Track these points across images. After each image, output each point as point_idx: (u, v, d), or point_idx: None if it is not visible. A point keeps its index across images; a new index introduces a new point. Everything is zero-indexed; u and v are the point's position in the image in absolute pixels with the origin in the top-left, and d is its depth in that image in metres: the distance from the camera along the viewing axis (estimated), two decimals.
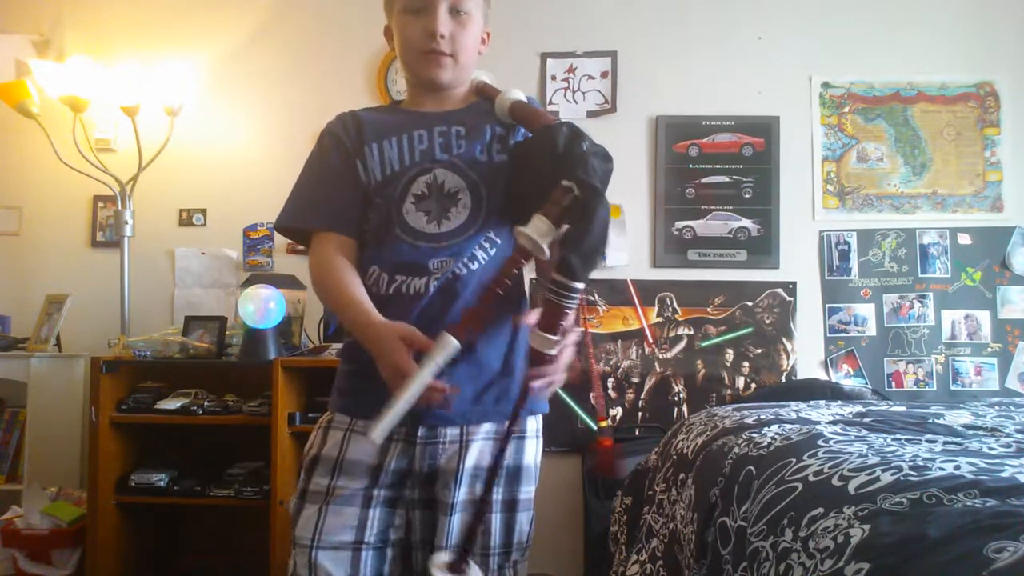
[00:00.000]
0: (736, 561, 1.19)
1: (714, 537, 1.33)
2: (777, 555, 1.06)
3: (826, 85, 2.85)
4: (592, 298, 2.77)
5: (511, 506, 1.21)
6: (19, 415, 2.68)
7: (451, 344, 1.00)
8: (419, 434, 1.16)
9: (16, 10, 2.95)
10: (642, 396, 2.75)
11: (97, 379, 2.38)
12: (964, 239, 2.79)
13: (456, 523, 1.16)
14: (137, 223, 2.79)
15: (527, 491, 1.23)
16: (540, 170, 1.08)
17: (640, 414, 2.74)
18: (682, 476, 1.64)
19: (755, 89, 2.84)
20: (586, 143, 1.07)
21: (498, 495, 1.19)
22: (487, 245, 1.19)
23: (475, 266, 1.17)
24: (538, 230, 1.00)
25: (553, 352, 1.02)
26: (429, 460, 1.17)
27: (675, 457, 1.74)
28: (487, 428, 1.20)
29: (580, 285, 0.99)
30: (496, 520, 1.19)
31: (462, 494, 1.17)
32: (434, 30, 1.17)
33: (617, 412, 2.75)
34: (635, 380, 2.75)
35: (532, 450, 1.25)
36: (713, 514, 1.38)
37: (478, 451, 1.18)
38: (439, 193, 1.18)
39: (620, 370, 2.76)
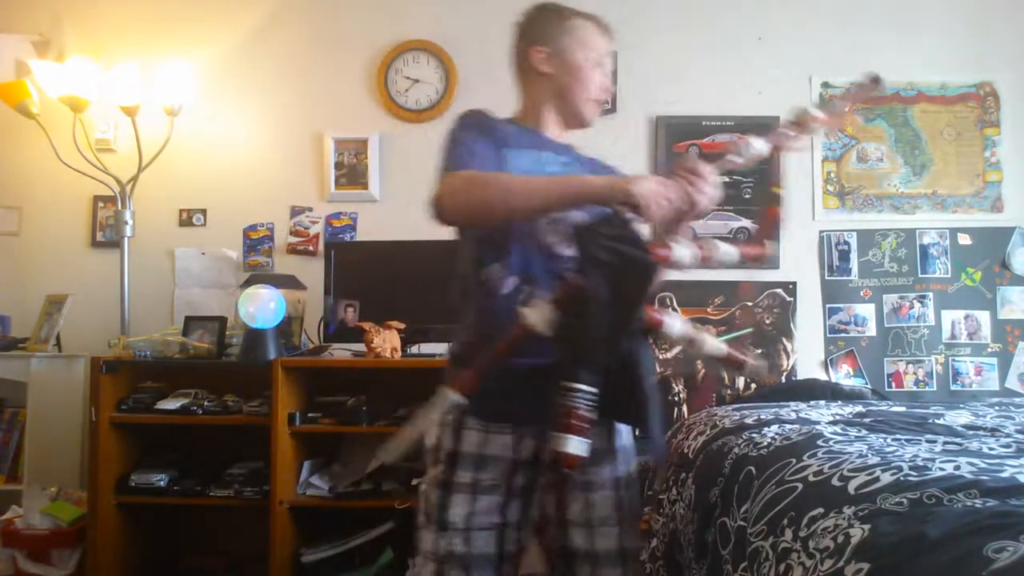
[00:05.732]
0: (736, 561, 1.19)
1: (714, 537, 1.33)
2: (777, 555, 1.06)
3: (826, 85, 2.85)
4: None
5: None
6: (19, 415, 2.68)
7: (450, 399, 1.08)
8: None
9: (16, 10, 2.95)
10: None
11: (97, 379, 2.38)
12: (964, 239, 2.79)
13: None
14: (137, 223, 2.79)
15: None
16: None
17: None
18: (682, 476, 1.64)
19: (755, 89, 2.84)
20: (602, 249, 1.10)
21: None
22: None
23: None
24: (541, 314, 1.07)
25: (569, 451, 1.04)
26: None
27: (675, 457, 1.74)
28: None
29: (580, 386, 1.04)
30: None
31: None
32: (609, 86, 1.40)
33: None
34: None
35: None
36: (713, 514, 1.38)
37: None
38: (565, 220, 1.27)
39: None
